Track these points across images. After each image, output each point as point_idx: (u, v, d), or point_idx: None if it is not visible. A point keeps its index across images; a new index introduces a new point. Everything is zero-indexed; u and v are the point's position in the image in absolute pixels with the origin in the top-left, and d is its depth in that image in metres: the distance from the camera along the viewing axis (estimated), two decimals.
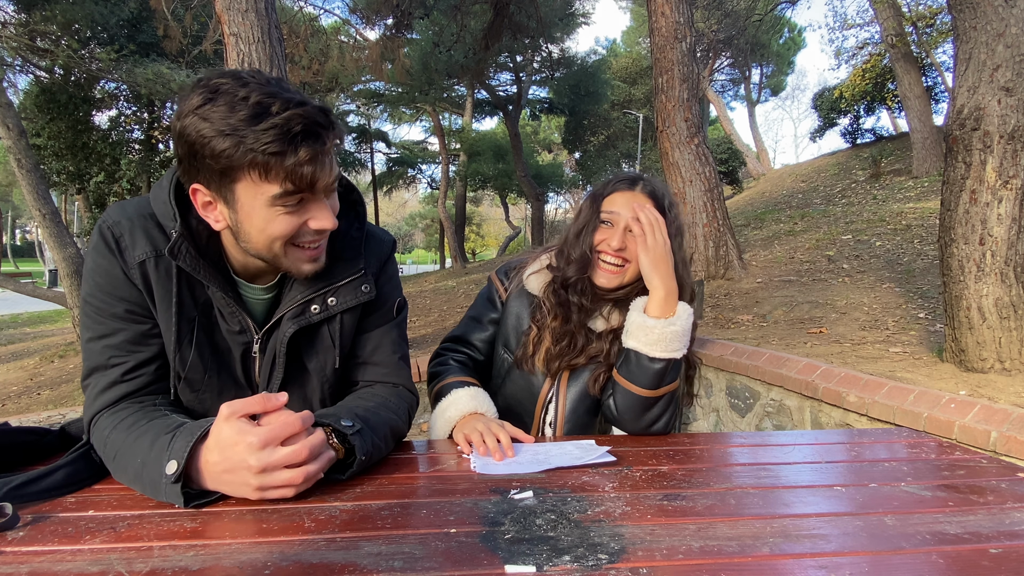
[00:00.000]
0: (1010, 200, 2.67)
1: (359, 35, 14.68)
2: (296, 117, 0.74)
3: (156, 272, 0.85)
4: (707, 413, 3.28)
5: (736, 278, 5.71)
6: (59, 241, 8.07)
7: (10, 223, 47.68)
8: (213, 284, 0.87)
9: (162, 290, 0.86)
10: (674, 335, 1.10)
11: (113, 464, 0.81)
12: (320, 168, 0.77)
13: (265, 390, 0.94)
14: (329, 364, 0.97)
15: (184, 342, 0.87)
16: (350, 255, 0.96)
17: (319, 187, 0.80)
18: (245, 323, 0.91)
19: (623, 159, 24.73)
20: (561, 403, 1.25)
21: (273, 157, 0.74)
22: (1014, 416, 1.90)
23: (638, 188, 1.22)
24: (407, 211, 51.12)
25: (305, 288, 0.92)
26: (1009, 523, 0.71)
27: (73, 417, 1.60)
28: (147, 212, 0.86)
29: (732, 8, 18.43)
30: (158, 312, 0.87)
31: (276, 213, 0.79)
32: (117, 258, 0.84)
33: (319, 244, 0.85)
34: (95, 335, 0.86)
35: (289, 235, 0.81)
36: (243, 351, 0.93)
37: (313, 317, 0.93)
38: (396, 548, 0.63)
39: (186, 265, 0.83)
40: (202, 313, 0.89)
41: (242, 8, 4.00)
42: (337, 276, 0.94)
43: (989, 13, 2.67)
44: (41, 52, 9.26)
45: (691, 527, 0.69)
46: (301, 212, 0.81)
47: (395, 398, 1.01)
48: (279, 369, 0.93)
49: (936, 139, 9.66)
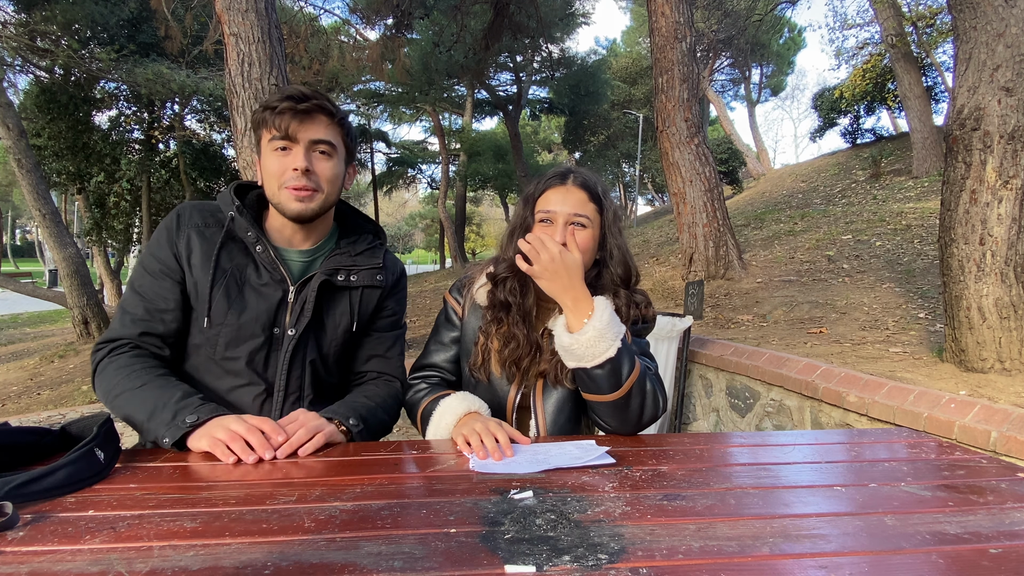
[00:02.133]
0: (1010, 200, 2.67)
1: (359, 35, 14.67)
2: (292, 89, 1.11)
3: (200, 238, 1.15)
4: (707, 413, 3.28)
5: (736, 278, 5.71)
6: (59, 241, 8.07)
7: (10, 223, 47.65)
8: (261, 243, 1.16)
9: (203, 250, 1.14)
10: (594, 339, 1.07)
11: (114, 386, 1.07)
12: (298, 123, 1.10)
13: (293, 329, 1.17)
14: (343, 325, 1.23)
15: (216, 285, 1.13)
16: (372, 254, 1.27)
17: (299, 138, 1.11)
18: (282, 273, 1.17)
19: (623, 159, 24.74)
20: (540, 417, 1.24)
21: (268, 111, 1.11)
22: (1014, 416, 1.90)
23: (569, 181, 1.21)
24: (407, 211, 51.11)
25: (336, 263, 1.21)
26: (1009, 523, 0.71)
27: (73, 417, 1.60)
28: (211, 206, 1.20)
29: (732, 8, 18.41)
30: (194, 269, 1.14)
31: (273, 154, 1.13)
32: (171, 229, 1.15)
33: (301, 187, 1.12)
34: (134, 282, 1.16)
35: (280, 174, 1.12)
36: (280, 298, 1.17)
37: (337, 281, 1.20)
38: (396, 548, 0.63)
39: (241, 226, 1.15)
40: (236, 268, 1.16)
41: (242, 8, 3.99)
42: (361, 263, 1.24)
43: (989, 13, 2.67)
44: (41, 52, 9.25)
45: (691, 527, 0.69)
46: (286, 157, 1.12)
47: (391, 398, 1.26)
48: (307, 313, 1.17)
49: (936, 139, 9.65)
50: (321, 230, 1.24)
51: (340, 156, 1.18)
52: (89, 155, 10.74)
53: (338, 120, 1.16)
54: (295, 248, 1.22)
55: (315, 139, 1.12)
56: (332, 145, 1.15)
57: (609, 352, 1.08)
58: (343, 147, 1.19)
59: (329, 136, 1.14)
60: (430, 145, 25.93)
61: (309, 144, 1.12)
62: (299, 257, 1.22)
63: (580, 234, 1.17)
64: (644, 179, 25.83)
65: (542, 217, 1.20)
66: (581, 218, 1.18)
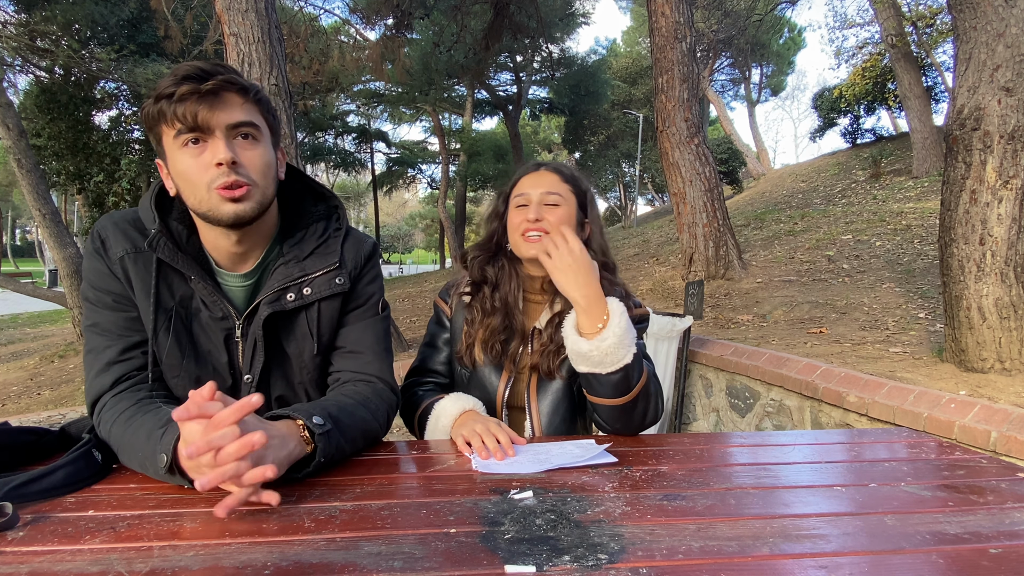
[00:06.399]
0: (1010, 200, 2.67)
1: (359, 35, 14.68)
2: (186, 67, 0.87)
3: (135, 266, 0.95)
4: (707, 413, 3.28)
5: (736, 278, 5.71)
6: (59, 241, 8.07)
7: (10, 223, 47.66)
8: (193, 273, 0.95)
9: (141, 283, 0.95)
10: (613, 347, 1.05)
11: (120, 455, 0.89)
12: (205, 107, 0.87)
13: (248, 374, 1.01)
14: (307, 350, 1.03)
15: (160, 330, 0.96)
16: (326, 251, 1.04)
17: (210, 125, 0.88)
18: (226, 309, 0.98)
19: (623, 159, 24.72)
20: (535, 417, 1.24)
21: (163, 100, 0.86)
22: (1014, 416, 1.90)
23: (542, 168, 1.29)
24: (407, 211, 51.14)
25: (282, 278, 1.00)
26: (1009, 523, 0.71)
27: (73, 417, 1.60)
28: (131, 217, 0.98)
29: (732, 8, 18.40)
30: (138, 302, 0.96)
31: (184, 155, 0.89)
32: (102, 256, 0.95)
33: (232, 183, 0.89)
34: (90, 323, 0.97)
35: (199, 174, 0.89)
36: (226, 336, 0.99)
37: (288, 304, 1.00)
38: (396, 548, 0.63)
39: (165, 256, 0.94)
40: (180, 304, 0.97)
41: (242, 8, 3.99)
42: (312, 268, 1.02)
43: (989, 13, 2.67)
44: (41, 52, 9.25)
45: (691, 527, 0.69)
46: (203, 154, 0.89)
47: (376, 398, 1.02)
48: (260, 353, 1.00)
49: (936, 139, 9.65)
50: (262, 239, 1.01)
51: (266, 139, 0.95)
52: (89, 155, 10.74)
53: (254, 96, 0.93)
54: (235, 272, 1.01)
55: (233, 123, 0.89)
56: (255, 126, 0.92)
57: (626, 359, 1.06)
58: (267, 127, 0.96)
59: (249, 116, 0.91)
60: (430, 145, 25.95)
61: (227, 130, 0.89)
62: (241, 281, 1.01)
63: (555, 212, 1.22)
64: (644, 179, 25.82)
65: (518, 203, 1.25)
66: (553, 196, 1.23)
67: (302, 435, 0.83)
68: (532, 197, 1.23)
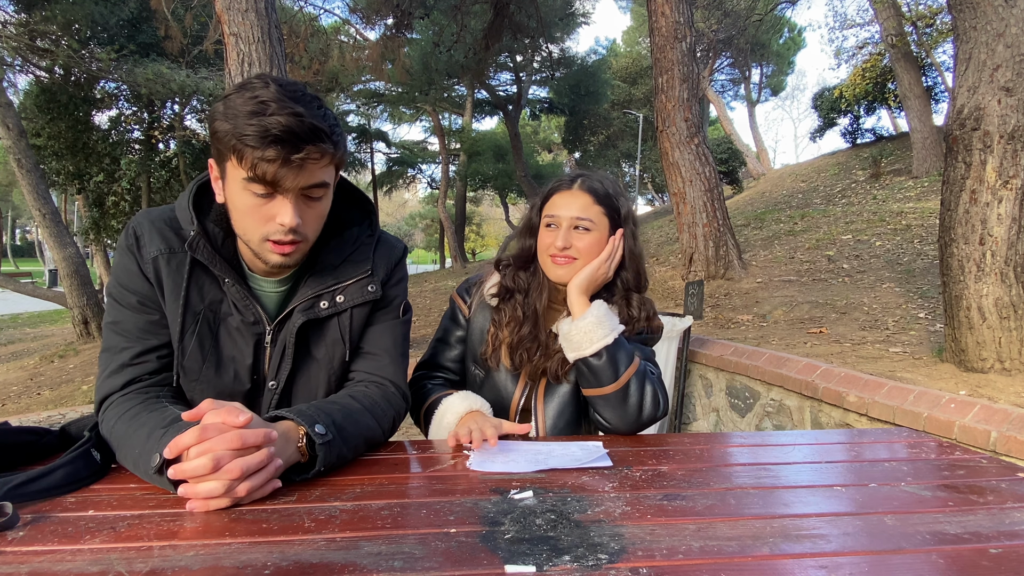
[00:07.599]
0: (1010, 200, 2.67)
1: (359, 35, 14.67)
2: (279, 123, 0.81)
3: (168, 267, 0.94)
4: (707, 413, 3.28)
5: (736, 278, 5.71)
6: (59, 241, 8.07)
7: (10, 223, 47.65)
8: (227, 276, 0.95)
9: (172, 284, 0.94)
10: (592, 325, 1.13)
11: (118, 452, 0.88)
12: (287, 171, 0.84)
13: (274, 380, 1.00)
14: (338, 356, 1.03)
15: (187, 332, 0.95)
16: (359, 258, 1.04)
17: (285, 186, 0.85)
18: (258, 314, 0.98)
19: (623, 159, 24.73)
20: (540, 419, 1.25)
21: (247, 148, 0.82)
22: (1014, 416, 1.90)
23: (576, 185, 1.25)
24: (407, 211, 51.13)
25: (316, 286, 1.00)
26: (1009, 523, 0.71)
27: (73, 417, 1.60)
28: (168, 216, 0.97)
29: (732, 8, 18.41)
30: (167, 304, 0.94)
31: (247, 195, 0.86)
32: (135, 254, 0.94)
33: (287, 243, 0.89)
34: (111, 320, 0.96)
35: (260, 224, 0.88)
36: (256, 341, 0.99)
37: (321, 312, 1.00)
38: (396, 548, 0.63)
39: (203, 257, 0.93)
40: (208, 308, 0.96)
41: (242, 8, 3.99)
42: (345, 276, 1.02)
43: (989, 13, 2.67)
44: (41, 52, 9.25)
45: (691, 527, 0.69)
46: (269, 204, 0.87)
47: (384, 403, 1.02)
48: (288, 359, 1.00)
49: (936, 139, 9.65)
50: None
51: (332, 186, 0.93)
52: (89, 155, 10.75)
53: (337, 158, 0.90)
54: (271, 278, 1.00)
55: (307, 185, 0.87)
56: (327, 185, 0.90)
57: (606, 340, 1.13)
58: (335, 172, 0.93)
59: (325, 177, 0.89)
60: (430, 145, 25.95)
61: (299, 191, 0.87)
62: (274, 287, 1.01)
63: (584, 237, 1.20)
64: (644, 179, 25.84)
65: (548, 222, 1.24)
66: (584, 221, 1.21)
67: (299, 445, 0.84)
68: (562, 220, 1.21)
